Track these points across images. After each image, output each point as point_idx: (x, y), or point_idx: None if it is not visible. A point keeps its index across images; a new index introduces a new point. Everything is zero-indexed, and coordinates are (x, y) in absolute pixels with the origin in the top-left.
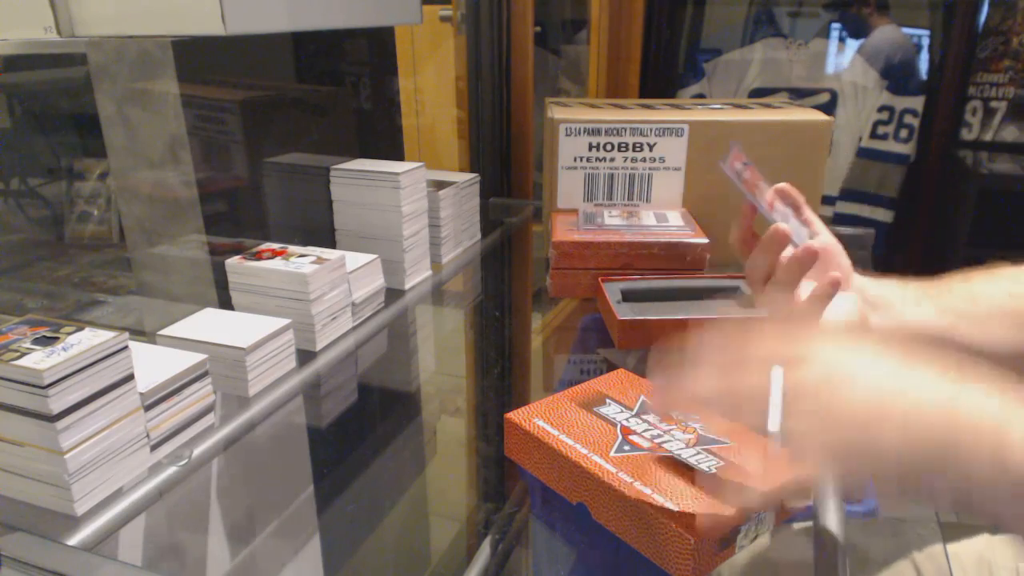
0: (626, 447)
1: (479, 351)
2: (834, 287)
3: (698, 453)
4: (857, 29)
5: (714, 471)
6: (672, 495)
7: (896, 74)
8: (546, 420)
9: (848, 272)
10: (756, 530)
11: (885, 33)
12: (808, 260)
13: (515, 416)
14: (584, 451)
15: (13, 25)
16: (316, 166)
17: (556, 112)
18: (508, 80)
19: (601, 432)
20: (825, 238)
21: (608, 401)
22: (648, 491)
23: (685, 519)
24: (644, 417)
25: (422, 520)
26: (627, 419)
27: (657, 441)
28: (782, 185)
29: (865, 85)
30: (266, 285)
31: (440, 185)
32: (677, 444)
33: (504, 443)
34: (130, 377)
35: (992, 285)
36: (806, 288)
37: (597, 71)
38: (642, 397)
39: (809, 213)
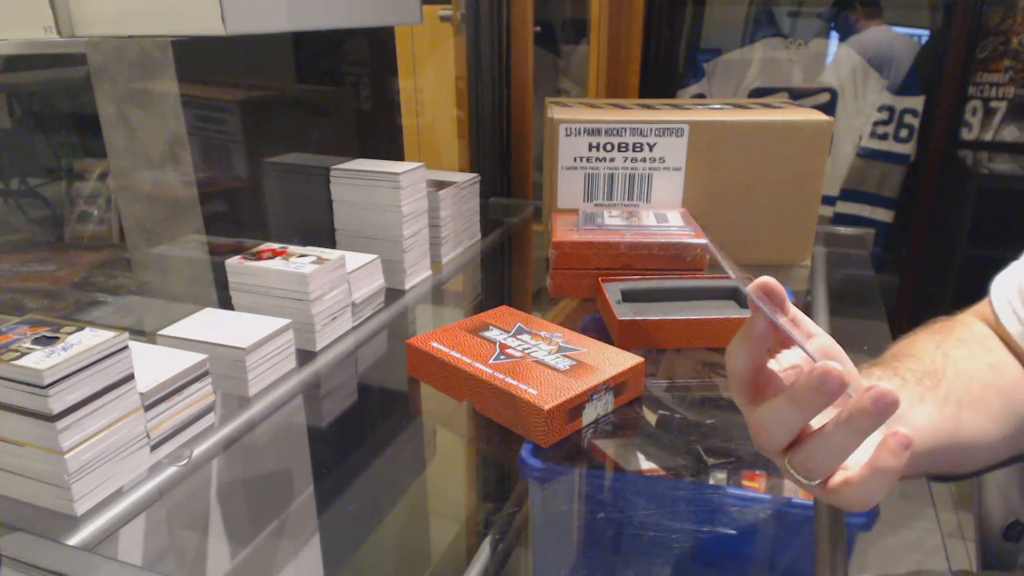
0: (502, 357)
1: None
2: (905, 448)
3: (557, 357)
4: (856, 29)
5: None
6: (532, 386)
7: (896, 74)
8: (440, 342)
9: (856, 378)
10: (598, 409)
11: (885, 33)
12: (885, 412)
13: (415, 341)
14: (469, 360)
15: (13, 25)
16: (316, 166)
17: (556, 112)
18: (508, 80)
19: (483, 348)
20: (823, 340)
21: (490, 327)
22: (515, 382)
23: (540, 400)
24: (519, 337)
25: (422, 520)
26: (504, 339)
27: (526, 351)
28: (765, 279)
29: (865, 85)
30: (266, 285)
31: (440, 185)
32: (542, 352)
33: (407, 365)
34: (130, 377)
35: (969, 359)
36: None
37: (597, 71)
38: (518, 324)
39: (795, 311)
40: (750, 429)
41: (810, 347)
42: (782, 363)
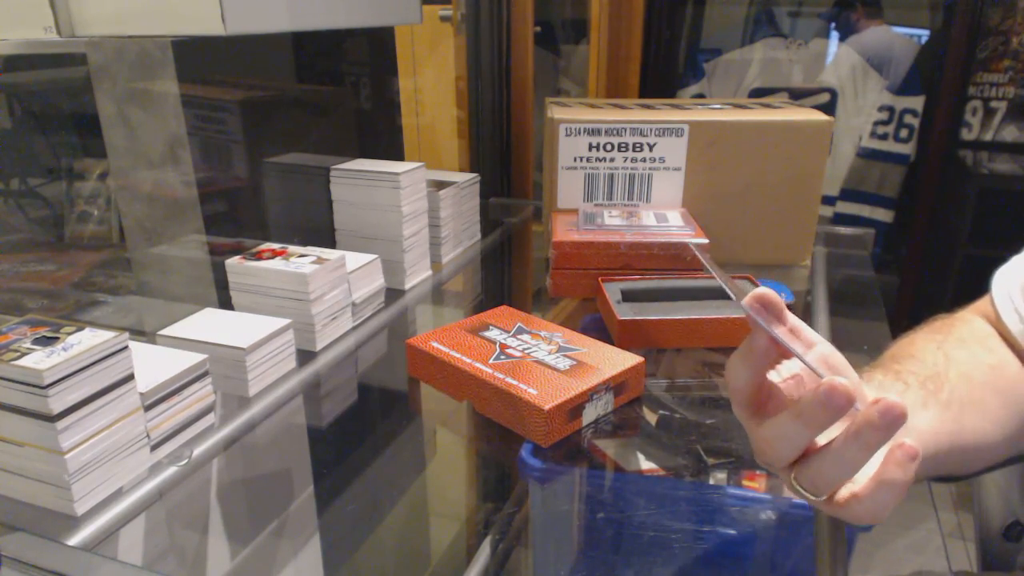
0: (502, 357)
1: None
2: (912, 459)
3: (557, 357)
4: (856, 29)
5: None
6: (532, 386)
7: (896, 74)
8: (440, 342)
9: (860, 388)
10: (598, 409)
11: (885, 33)
12: (894, 425)
13: (415, 341)
14: (469, 360)
15: (13, 25)
16: (316, 166)
17: (556, 112)
18: (508, 80)
19: (483, 347)
20: (824, 348)
21: (490, 327)
22: (515, 382)
23: (540, 400)
24: (519, 337)
25: (422, 520)
26: (505, 339)
27: (526, 351)
28: (761, 291)
29: (865, 85)
30: (266, 285)
31: (440, 185)
32: (542, 352)
33: (407, 365)
34: (130, 377)
35: (971, 360)
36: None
37: (597, 71)
38: (518, 324)
39: (793, 319)
40: (754, 445)
41: (811, 357)
42: (782, 373)
